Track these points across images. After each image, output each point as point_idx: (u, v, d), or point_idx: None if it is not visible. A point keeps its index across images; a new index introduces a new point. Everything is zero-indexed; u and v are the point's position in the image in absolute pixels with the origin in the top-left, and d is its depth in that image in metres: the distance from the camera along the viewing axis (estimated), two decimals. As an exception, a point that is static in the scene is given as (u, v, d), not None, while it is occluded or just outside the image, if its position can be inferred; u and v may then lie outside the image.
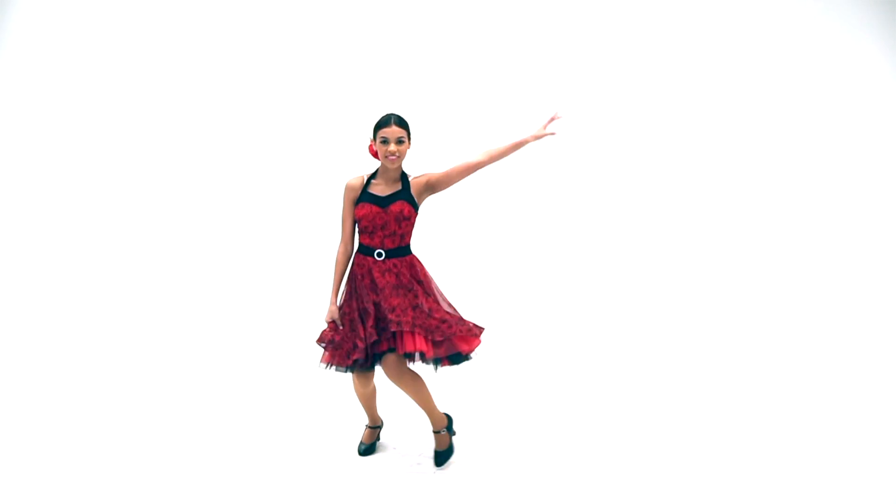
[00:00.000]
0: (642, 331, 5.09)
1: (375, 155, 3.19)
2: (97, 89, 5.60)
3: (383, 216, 3.15)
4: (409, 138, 3.17)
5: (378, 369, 3.27)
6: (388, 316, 3.09)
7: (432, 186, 3.26)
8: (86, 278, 5.45)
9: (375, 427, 3.50)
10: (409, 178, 3.24)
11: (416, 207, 3.22)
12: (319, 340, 3.23)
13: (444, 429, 3.35)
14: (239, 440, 3.54)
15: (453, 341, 3.13)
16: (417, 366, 3.23)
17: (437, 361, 3.16)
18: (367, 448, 3.47)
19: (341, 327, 3.19)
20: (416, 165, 3.41)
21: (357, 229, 3.26)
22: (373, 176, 3.24)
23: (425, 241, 5.17)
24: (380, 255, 3.16)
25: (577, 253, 5.59)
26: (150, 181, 5.64)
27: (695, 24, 5.56)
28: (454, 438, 3.43)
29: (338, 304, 3.24)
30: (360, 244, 3.23)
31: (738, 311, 5.24)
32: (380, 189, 3.20)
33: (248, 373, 4.44)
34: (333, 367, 3.18)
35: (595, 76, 5.63)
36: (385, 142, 3.11)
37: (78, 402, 3.99)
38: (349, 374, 3.29)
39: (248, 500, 2.98)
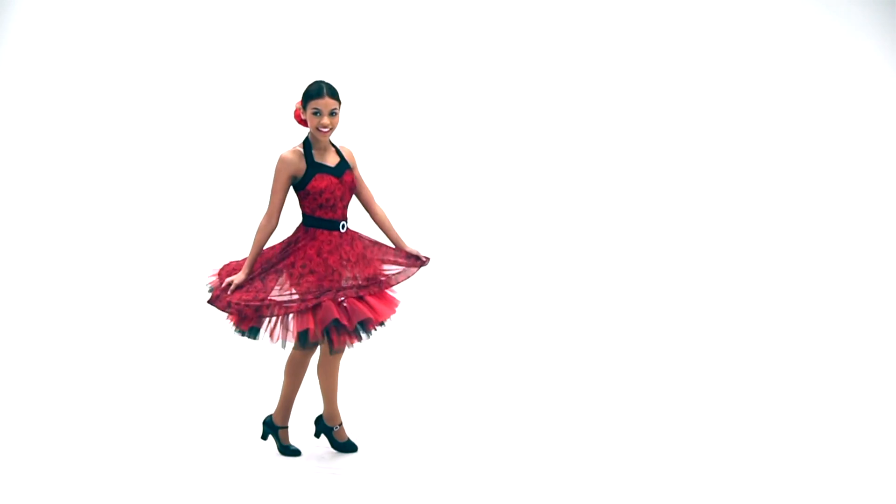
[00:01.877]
0: (640, 331, 5.09)
1: (302, 123, 3.09)
2: (97, 89, 5.61)
3: (341, 187, 3.05)
4: (340, 110, 3.05)
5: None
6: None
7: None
8: (86, 278, 5.46)
9: (285, 427, 3.35)
10: (338, 147, 3.16)
11: None
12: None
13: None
14: (238, 442, 3.53)
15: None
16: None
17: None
18: (288, 449, 3.33)
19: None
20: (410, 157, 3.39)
21: (311, 206, 3.07)
22: (308, 146, 3.09)
23: (426, 241, 5.18)
24: (343, 227, 3.07)
25: (573, 253, 5.58)
26: (150, 181, 5.65)
27: (694, 24, 5.56)
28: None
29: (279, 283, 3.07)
30: (315, 218, 3.06)
31: (737, 311, 5.24)
32: (325, 159, 3.08)
33: (249, 374, 4.44)
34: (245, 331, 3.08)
35: (595, 76, 5.63)
36: (317, 113, 2.98)
37: (78, 402, 3.99)
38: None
39: (247, 500, 2.98)
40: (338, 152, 3.13)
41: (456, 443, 3.46)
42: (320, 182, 3.03)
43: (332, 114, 3.00)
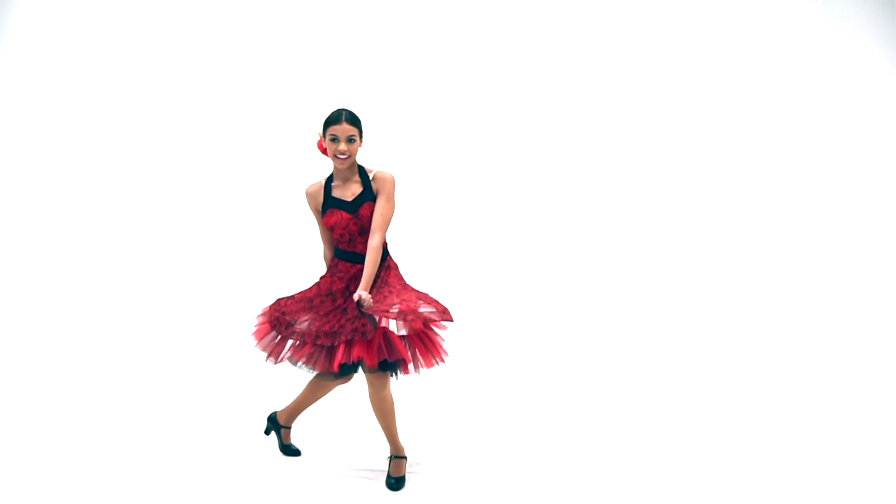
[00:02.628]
0: (638, 331, 5.09)
1: (325, 152, 3.01)
2: (97, 89, 5.60)
3: (357, 221, 2.95)
4: (361, 137, 2.96)
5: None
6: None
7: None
8: (87, 279, 5.45)
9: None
10: (370, 175, 3.00)
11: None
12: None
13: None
14: (239, 446, 3.54)
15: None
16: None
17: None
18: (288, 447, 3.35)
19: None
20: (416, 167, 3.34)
21: (333, 238, 3.06)
22: (331, 178, 3.04)
23: (427, 241, 5.18)
24: None
25: (572, 254, 5.58)
26: (150, 181, 5.64)
27: (694, 24, 5.55)
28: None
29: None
30: (342, 251, 3.02)
31: (736, 311, 5.24)
32: (342, 192, 2.99)
33: (251, 375, 4.44)
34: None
35: (595, 77, 5.62)
36: (335, 140, 2.91)
37: (80, 402, 3.99)
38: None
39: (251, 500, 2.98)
40: (364, 182, 2.99)
41: (466, 447, 3.46)
42: (330, 218, 2.97)
43: (350, 140, 2.90)
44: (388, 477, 3.06)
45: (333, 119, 2.92)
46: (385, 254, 3.03)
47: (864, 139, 5.46)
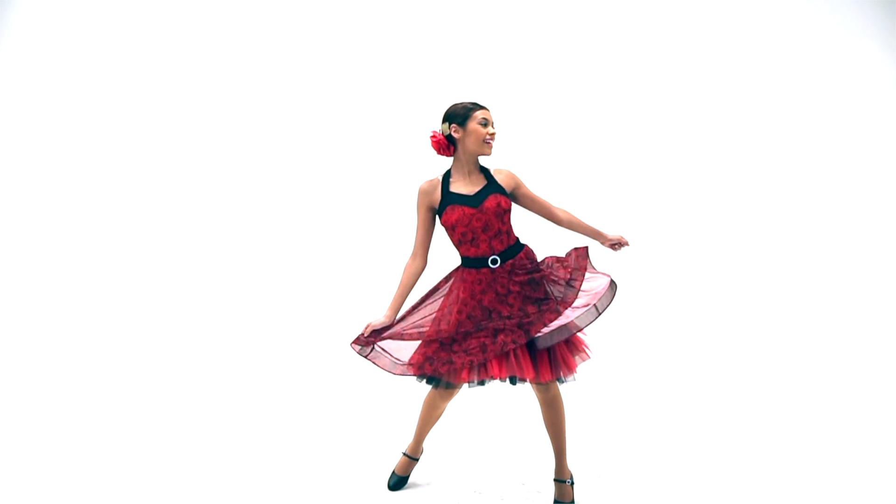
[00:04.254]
0: (640, 332, 5.09)
1: (439, 147, 2.80)
2: (97, 89, 5.60)
3: (480, 216, 2.70)
4: None
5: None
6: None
7: (514, 194, 2.86)
8: (87, 279, 5.45)
9: (415, 458, 3.03)
10: (491, 170, 2.85)
11: (509, 197, 2.79)
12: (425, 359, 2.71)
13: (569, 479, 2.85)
14: (249, 460, 3.53)
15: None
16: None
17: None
18: (400, 481, 3.01)
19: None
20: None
21: (453, 241, 2.80)
22: (447, 175, 2.83)
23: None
24: (494, 261, 2.72)
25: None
26: (151, 181, 5.64)
27: (694, 24, 5.55)
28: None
29: (405, 317, 2.82)
30: (464, 258, 2.77)
31: (736, 312, 5.24)
32: (463, 186, 2.77)
33: (253, 378, 4.44)
34: (421, 377, 2.75)
35: (595, 77, 5.62)
36: (486, 124, 2.74)
37: (82, 403, 3.99)
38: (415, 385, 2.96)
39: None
40: (486, 177, 2.81)
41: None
42: (451, 214, 2.72)
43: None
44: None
45: (475, 105, 2.77)
46: (522, 245, 2.83)
47: (865, 139, 5.46)
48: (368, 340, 2.76)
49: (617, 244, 3.03)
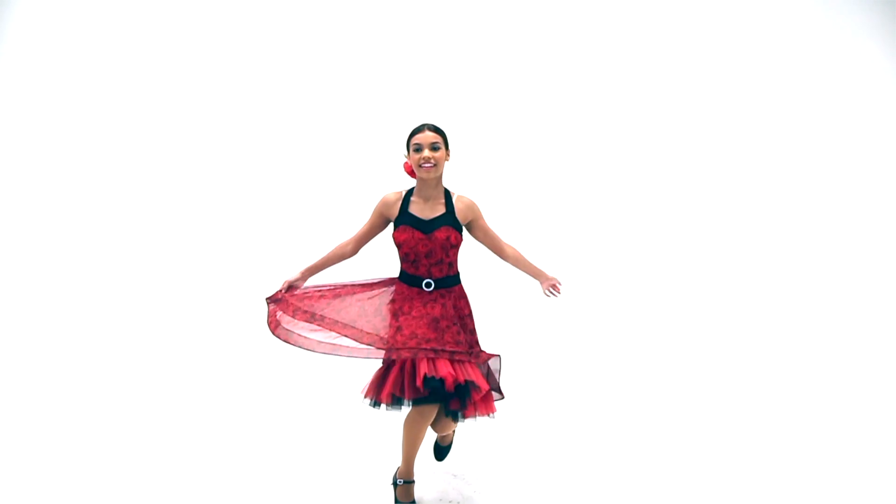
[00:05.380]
0: (641, 333, 5.10)
1: (411, 172, 2.94)
2: (97, 89, 5.61)
3: (427, 243, 2.89)
4: (447, 147, 2.91)
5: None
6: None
7: (469, 225, 2.99)
8: (88, 279, 5.46)
9: (412, 481, 3.09)
10: (453, 197, 2.97)
11: (461, 232, 2.94)
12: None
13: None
14: (239, 446, 3.53)
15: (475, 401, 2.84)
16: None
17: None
18: None
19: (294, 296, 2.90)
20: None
21: (399, 254, 2.97)
22: (411, 192, 2.97)
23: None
24: (428, 285, 2.92)
25: (576, 255, 5.59)
26: (151, 181, 5.65)
27: (694, 24, 5.57)
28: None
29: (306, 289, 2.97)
30: (403, 272, 2.96)
31: (736, 311, 5.25)
32: (420, 209, 2.92)
33: (253, 378, 4.44)
34: (396, 405, 2.85)
35: (596, 77, 5.64)
36: (419, 149, 2.86)
37: (82, 403, 4.00)
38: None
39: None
40: (447, 204, 2.93)
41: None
42: (402, 234, 2.90)
43: (434, 148, 2.85)
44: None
45: (416, 130, 2.89)
46: (458, 281, 2.97)
47: (864, 139, 5.48)
48: (283, 297, 2.88)
49: (552, 287, 3.07)
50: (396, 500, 3.04)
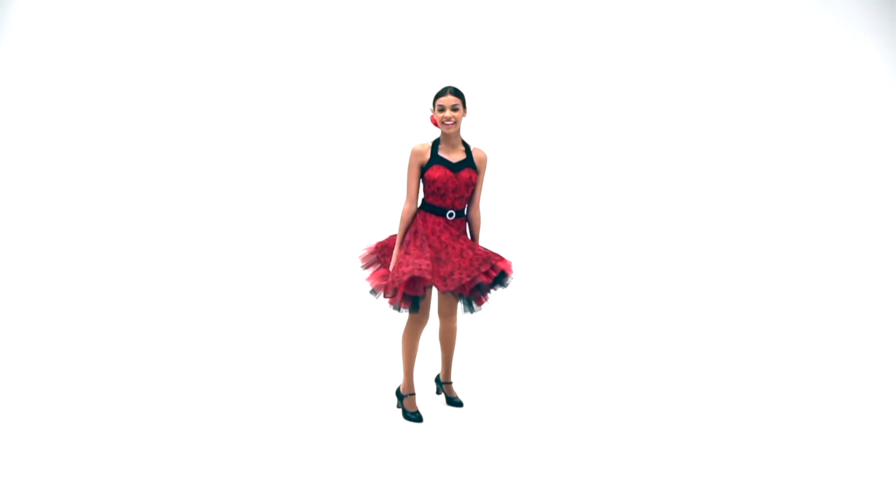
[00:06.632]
0: (642, 332, 5.09)
1: (436, 124, 3.47)
2: (97, 89, 5.61)
3: (455, 181, 3.47)
4: (465, 106, 3.47)
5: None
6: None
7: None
8: (88, 279, 5.45)
9: (413, 393, 3.63)
10: (471, 147, 3.56)
11: (478, 174, 3.54)
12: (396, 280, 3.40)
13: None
14: (243, 446, 3.53)
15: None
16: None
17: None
18: (416, 415, 3.60)
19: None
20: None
21: (426, 191, 3.50)
22: (437, 142, 3.53)
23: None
24: (451, 215, 3.50)
25: (576, 253, 5.58)
26: (151, 181, 5.64)
27: (694, 23, 5.56)
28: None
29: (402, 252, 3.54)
30: (428, 203, 3.51)
31: (737, 311, 5.24)
32: (448, 154, 3.50)
33: (252, 375, 4.45)
34: (402, 302, 3.39)
35: (596, 78, 5.63)
36: (442, 109, 3.41)
37: (82, 403, 4.00)
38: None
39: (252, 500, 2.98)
40: (467, 152, 3.54)
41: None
42: (434, 172, 3.46)
43: (454, 109, 3.42)
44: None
45: (440, 93, 3.45)
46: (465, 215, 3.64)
47: (864, 139, 5.47)
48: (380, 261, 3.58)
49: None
50: (404, 410, 3.62)
